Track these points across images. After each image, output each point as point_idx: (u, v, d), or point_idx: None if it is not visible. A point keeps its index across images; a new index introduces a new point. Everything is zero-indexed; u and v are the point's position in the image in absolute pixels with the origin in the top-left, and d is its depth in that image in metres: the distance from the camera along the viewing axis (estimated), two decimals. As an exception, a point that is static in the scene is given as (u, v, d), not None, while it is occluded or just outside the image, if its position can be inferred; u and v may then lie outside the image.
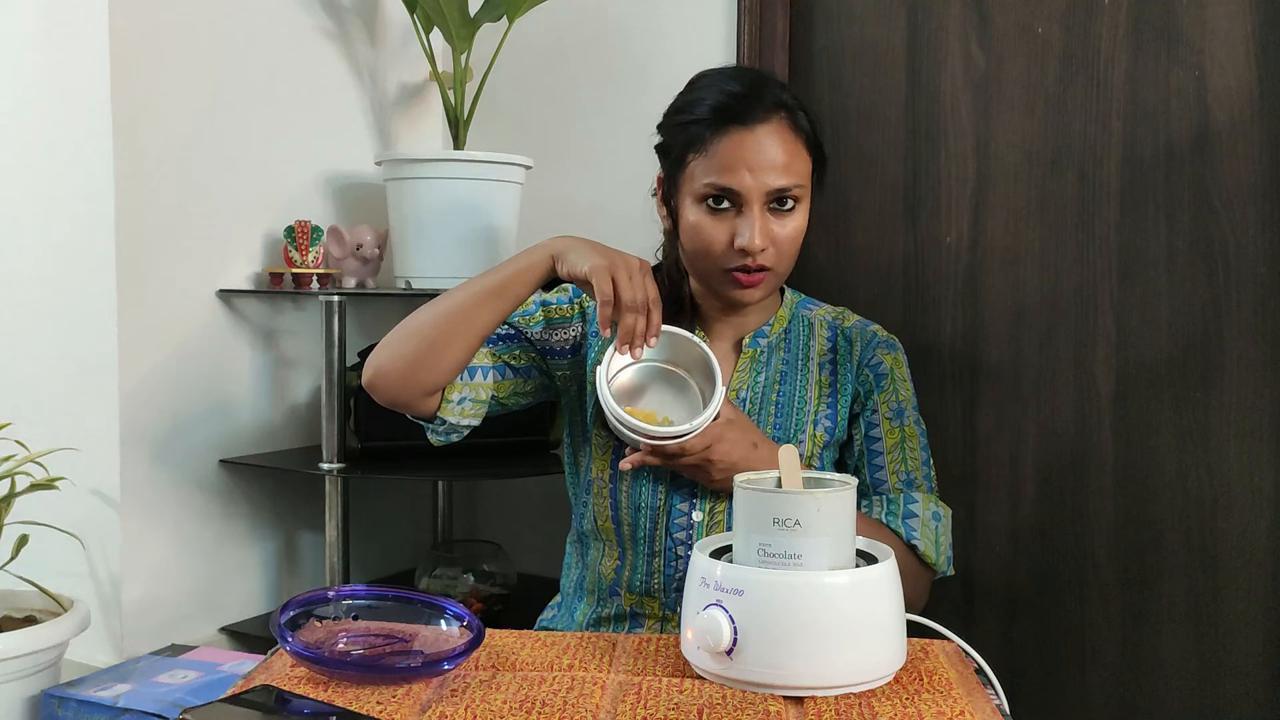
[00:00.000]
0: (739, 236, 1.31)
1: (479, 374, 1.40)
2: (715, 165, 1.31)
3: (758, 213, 1.31)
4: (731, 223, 1.32)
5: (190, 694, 1.52)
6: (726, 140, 1.31)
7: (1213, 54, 1.62)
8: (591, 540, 1.46)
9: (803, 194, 1.35)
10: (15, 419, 1.67)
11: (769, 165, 1.30)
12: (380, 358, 1.36)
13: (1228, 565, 1.64)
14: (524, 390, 1.46)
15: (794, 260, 1.39)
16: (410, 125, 2.25)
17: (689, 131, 1.34)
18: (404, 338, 1.35)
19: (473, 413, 1.41)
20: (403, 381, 1.35)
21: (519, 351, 1.44)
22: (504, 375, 1.43)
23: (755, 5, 1.90)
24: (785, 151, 1.32)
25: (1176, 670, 1.68)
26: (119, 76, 1.74)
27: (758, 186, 1.30)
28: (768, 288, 1.37)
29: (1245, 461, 1.62)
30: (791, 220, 1.34)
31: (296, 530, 2.06)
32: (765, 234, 1.31)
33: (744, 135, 1.31)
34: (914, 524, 1.37)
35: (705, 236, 1.34)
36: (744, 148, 1.30)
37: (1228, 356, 1.63)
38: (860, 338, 1.46)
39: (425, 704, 0.96)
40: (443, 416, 1.39)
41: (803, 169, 1.34)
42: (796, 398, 1.42)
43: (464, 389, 1.39)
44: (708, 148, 1.32)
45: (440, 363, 1.34)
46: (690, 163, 1.34)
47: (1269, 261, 1.61)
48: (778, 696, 0.98)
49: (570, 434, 1.50)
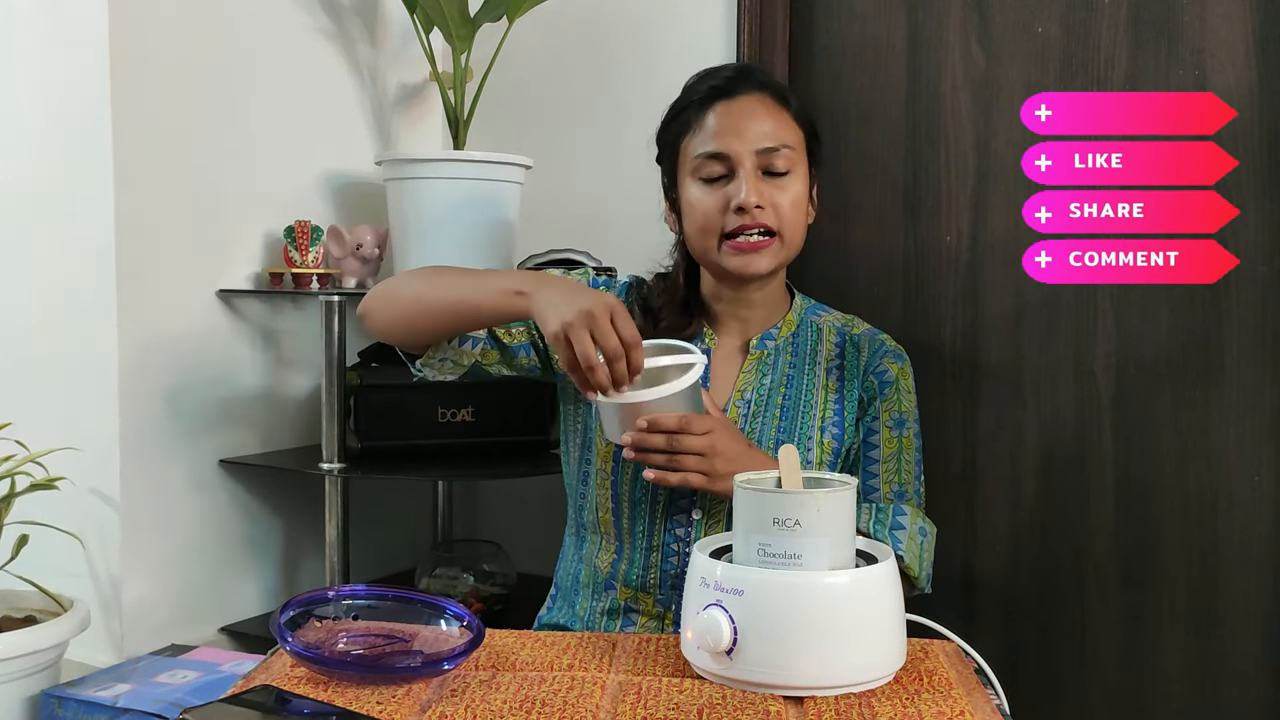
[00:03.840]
0: (734, 198, 1.35)
1: (469, 343, 1.42)
2: (705, 136, 1.38)
3: (750, 171, 1.36)
4: (727, 190, 1.37)
5: (190, 694, 1.52)
6: (714, 113, 1.39)
7: (1213, 53, 1.62)
8: (588, 533, 1.46)
9: (795, 160, 1.39)
10: (15, 419, 1.67)
11: (756, 128, 1.37)
12: (371, 304, 1.41)
13: (1228, 565, 1.64)
14: (511, 363, 1.47)
15: (800, 235, 1.41)
16: (410, 125, 2.25)
17: (681, 119, 1.42)
18: (388, 299, 1.40)
19: (451, 370, 1.45)
20: (383, 335, 1.42)
21: (517, 329, 1.45)
22: (492, 346, 1.45)
23: (755, 5, 1.90)
24: (772, 118, 1.39)
25: (1176, 670, 1.68)
26: (119, 76, 1.74)
27: (746, 148, 1.36)
28: (772, 258, 1.38)
29: (1245, 461, 1.62)
30: (789, 186, 1.38)
31: (296, 530, 2.06)
32: (759, 192, 1.35)
33: (730, 105, 1.39)
34: (901, 536, 1.37)
35: (703, 207, 1.38)
36: (731, 115, 1.38)
37: (1228, 356, 1.63)
38: (869, 346, 1.46)
39: (425, 704, 0.96)
40: (422, 365, 1.43)
41: (792, 136, 1.39)
42: (802, 401, 1.42)
43: (449, 350, 1.41)
44: (697, 124, 1.39)
45: (415, 339, 1.39)
46: (684, 145, 1.41)
47: (1269, 261, 1.61)
48: (778, 696, 0.98)
49: (567, 424, 1.50)
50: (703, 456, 1.28)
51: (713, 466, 1.28)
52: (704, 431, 1.28)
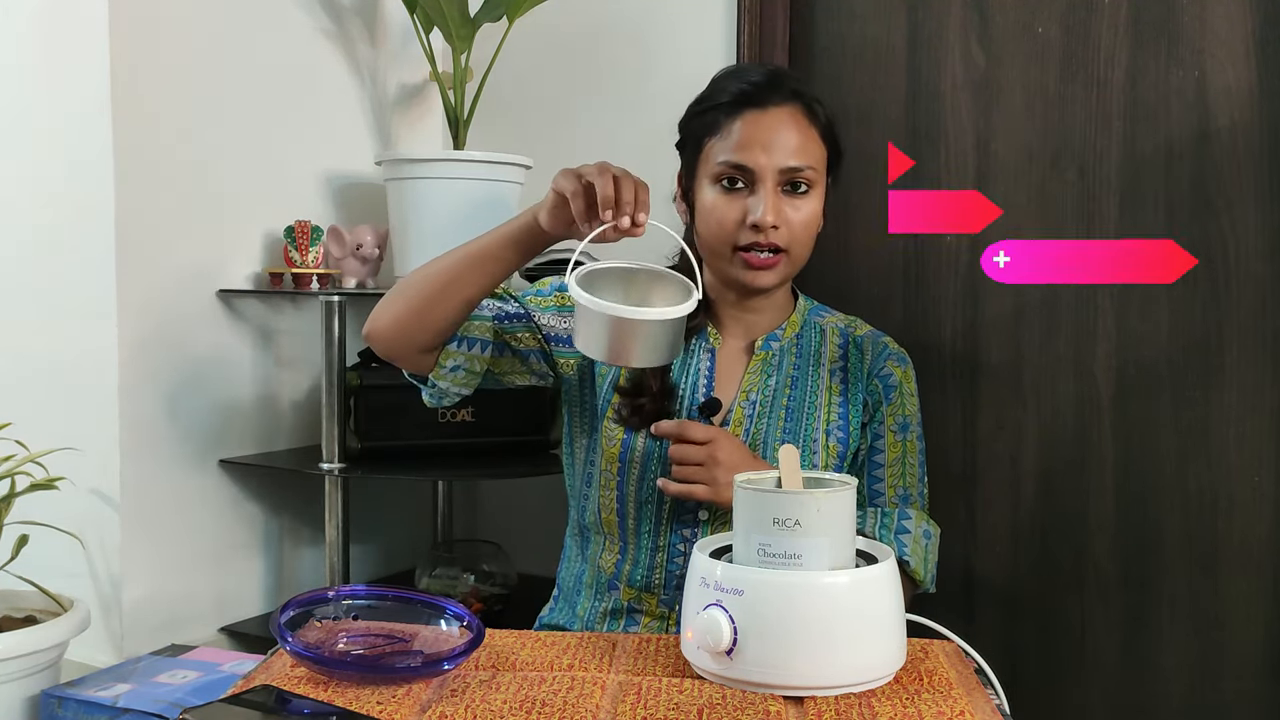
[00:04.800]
0: (751, 213, 1.34)
1: (477, 346, 1.40)
2: (731, 144, 1.36)
3: (770, 189, 1.34)
4: (745, 202, 1.35)
5: (190, 694, 1.52)
6: (742, 121, 1.36)
7: (1213, 54, 1.62)
8: (592, 534, 1.46)
9: (816, 179, 1.38)
10: (15, 419, 1.67)
11: (783, 145, 1.35)
12: (376, 313, 1.38)
13: (1228, 565, 1.64)
14: (520, 371, 1.45)
15: (808, 250, 1.41)
16: (410, 125, 2.25)
17: (707, 118, 1.39)
18: (396, 295, 1.37)
19: (464, 381, 1.41)
20: (394, 339, 1.37)
21: (524, 334, 1.43)
22: (502, 353, 1.43)
23: (755, 5, 1.90)
24: (799, 134, 1.36)
25: (1176, 670, 1.68)
26: (119, 75, 1.74)
27: (771, 164, 1.34)
28: (780, 275, 1.38)
29: (1245, 461, 1.62)
30: (805, 205, 1.37)
31: (296, 530, 2.06)
32: (777, 212, 1.34)
33: (760, 116, 1.36)
34: (906, 540, 1.37)
35: (719, 215, 1.36)
36: (759, 128, 1.35)
37: (1228, 356, 1.63)
38: (872, 348, 1.46)
39: (425, 704, 0.96)
40: (434, 380, 1.40)
41: (816, 155, 1.38)
42: (807, 403, 1.42)
43: (459, 357, 1.39)
44: (724, 129, 1.36)
45: (428, 323, 1.35)
46: (707, 146, 1.38)
47: (1269, 261, 1.61)
48: (778, 696, 0.98)
49: (571, 424, 1.49)
50: (702, 466, 1.29)
51: (714, 476, 1.29)
52: (704, 441, 1.28)
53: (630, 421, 1.39)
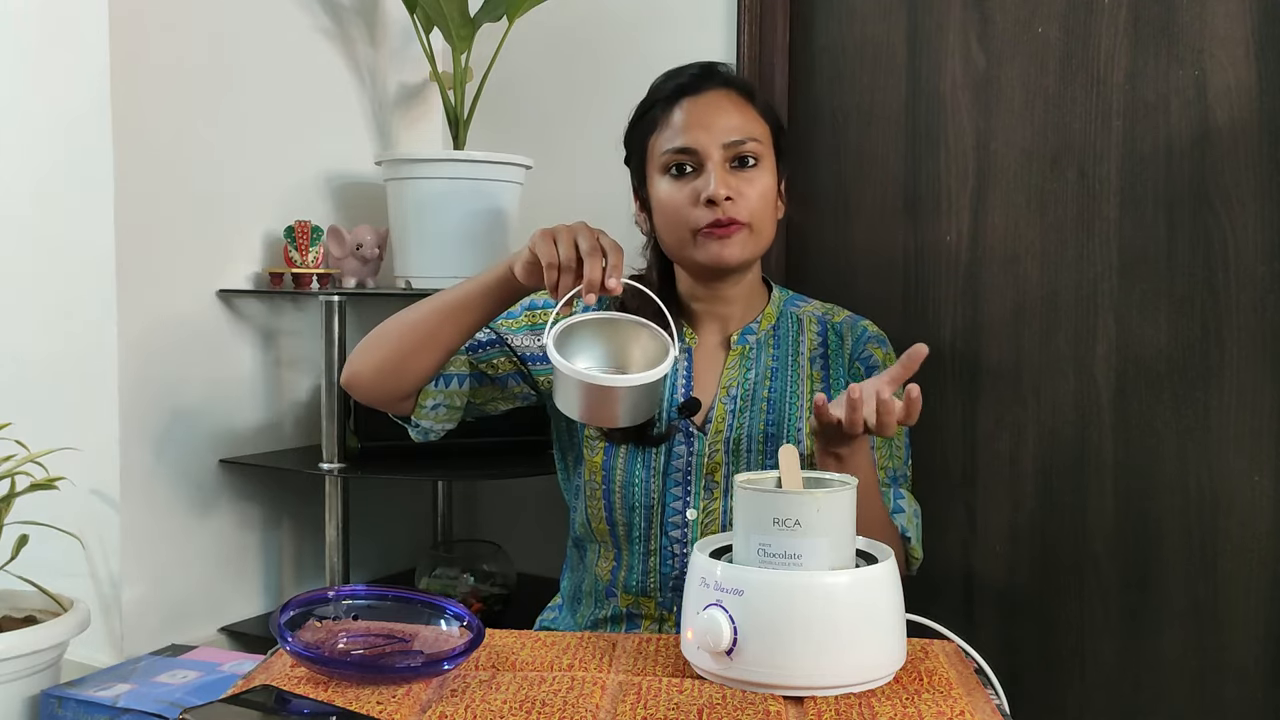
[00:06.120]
0: (703, 191, 1.35)
1: (454, 381, 1.41)
2: (672, 132, 1.39)
3: (718, 165, 1.36)
4: (695, 184, 1.37)
5: (190, 694, 1.52)
6: (680, 109, 1.39)
7: (1213, 53, 1.62)
8: (587, 543, 1.46)
9: (762, 152, 1.39)
10: (15, 419, 1.67)
11: (723, 123, 1.37)
12: (354, 361, 1.39)
13: (1228, 565, 1.64)
14: (501, 397, 1.47)
15: (770, 226, 1.41)
16: (410, 125, 2.25)
17: (647, 119, 1.43)
18: (374, 345, 1.38)
19: (447, 417, 1.43)
20: (373, 386, 1.38)
21: (498, 359, 1.45)
22: (480, 383, 1.44)
23: (755, 6, 1.90)
24: (738, 112, 1.39)
25: (1176, 670, 1.68)
26: (118, 75, 1.74)
27: (714, 141, 1.36)
28: (745, 248, 1.38)
29: (1245, 460, 1.62)
30: (757, 178, 1.38)
31: (296, 530, 2.06)
32: (727, 184, 1.35)
33: (696, 100, 1.39)
34: (902, 519, 1.39)
35: (674, 202, 1.38)
36: (696, 109, 1.39)
37: (1228, 356, 1.63)
38: (851, 333, 1.47)
39: (425, 704, 0.96)
40: (417, 420, 1.41)
41: (757, 129, 1.40)
42: (788, 393, 1.42)
43: (438, 395, 1.40)
44: (664, 122, 1.40)
45: (407, 373, 1.36)
46: (652, 143, 1.41)
47: (1269, 261, 1.61)
48: (778, 696, 0.98)
49: (558, 439, 1.50)
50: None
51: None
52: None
53: (613, 436, 1.40)
